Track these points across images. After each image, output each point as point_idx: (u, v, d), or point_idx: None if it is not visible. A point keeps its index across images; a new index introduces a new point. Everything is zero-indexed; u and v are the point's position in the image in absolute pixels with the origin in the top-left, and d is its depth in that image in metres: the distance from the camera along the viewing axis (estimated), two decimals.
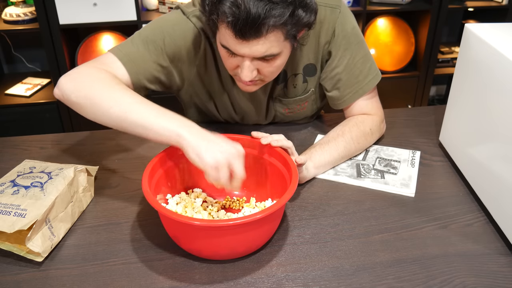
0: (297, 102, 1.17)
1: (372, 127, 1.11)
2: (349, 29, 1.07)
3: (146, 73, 1.02)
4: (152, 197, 0.78)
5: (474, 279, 0.78)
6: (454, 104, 1.06)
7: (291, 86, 1.14)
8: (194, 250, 0.81)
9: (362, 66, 1.10)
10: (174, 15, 1.05)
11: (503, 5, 2.60)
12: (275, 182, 0.91)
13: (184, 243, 0.81)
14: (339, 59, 1.09)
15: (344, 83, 1.10)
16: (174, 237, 0.82)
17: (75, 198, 0.90)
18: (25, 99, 2.41)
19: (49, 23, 2.22)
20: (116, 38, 2.44)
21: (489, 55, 0.89)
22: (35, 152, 1.13)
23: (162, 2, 2.38)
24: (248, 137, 0.93)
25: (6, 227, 0.77)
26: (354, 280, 0.78)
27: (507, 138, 0.83)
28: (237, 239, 0.78)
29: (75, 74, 0.93)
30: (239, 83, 1.01)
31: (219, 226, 0.75)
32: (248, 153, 0.89)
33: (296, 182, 0.81)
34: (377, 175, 1.04)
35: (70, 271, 0.80)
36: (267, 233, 0.82)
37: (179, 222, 0.75)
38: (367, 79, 1.10)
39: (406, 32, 2.70)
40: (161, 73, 1.04)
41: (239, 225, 0.74)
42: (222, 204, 0.94)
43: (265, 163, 0.93)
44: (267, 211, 0.74)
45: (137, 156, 1.12)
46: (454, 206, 0.95)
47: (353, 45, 1.08)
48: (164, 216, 0.79)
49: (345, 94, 1.11)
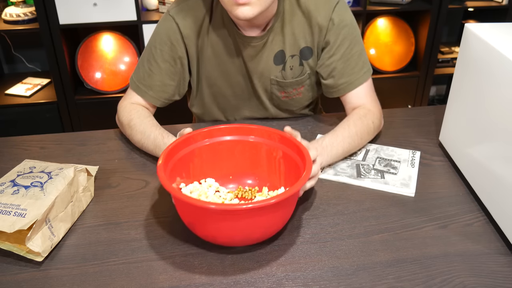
0: (293, 85, 1.20)
1: (374, 121, 1.13)
2: (348, 21, 1.13)
3: (163, 94, 1.18)
4: (169, 183, 0.79)
5: (474, 279, 0.78)
6: (454, 104, 1.06)
7: (288, 68, 1.17)
8: (209, 236, 0.82)
9: (358, 59, 1.15)
10: (162, 21, 1.16)
11: (503, 5, 2.60)
12: (288, 171, 0.93)
13: (199, 230, 0.81)
14: (337, 48, 1.13)
15: (339, 72, 1.15)
16: (189, 224, 0.83)
17: (75, 198, 0.90)
18: (25, 99, 2.41)
19: (49, 23, 2.22)
20: (116, 38, 2.44)
21: (489, 55, 0.89)
22: (35, 152, 1.13)
23: (162, 2, 2.38)
24: (263, 127, 0.95)
25: (6, 227, 0.77)
26: (354, 280, 0.78)
27: (507, 138, 0.83)
28: (252, 224, 0.78)
29: (118, 112, 1.19)
30: (236, 8, 1.00)
31: (236, 210, 0.75)
32: (262, 143, 0.95)
33: (310, 168, 0.82)
34: (377, 175, 1.04)
35: (70, 271, 0.80)
36: (282, 219, 0.83)
37: (196, 206, 0.76)
38: (361, 72, 1.15)
39: (406, 32, 2.70)
40: (175, 81, 1.17)
41: (256, 209, 0.75)
42: (235, 194, 0.95)
43: (278, 153, 0.94)
44: (284, 195, 0.76)
45: (137, 156, 1.12)
46: (454, 206, 0.95)
47: (352, 37, 1.13)
48: (181, 201, 0.79)
49: (340, 83, 1.16)
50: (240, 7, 0.99)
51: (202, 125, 1.08)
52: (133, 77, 1.19)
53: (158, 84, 1.16)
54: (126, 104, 1.18)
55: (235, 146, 0.97)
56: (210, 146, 0.96)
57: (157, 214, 0.93)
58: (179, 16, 1.12)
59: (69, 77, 2.35)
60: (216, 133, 0.96)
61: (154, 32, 1.17)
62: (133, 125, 1.11)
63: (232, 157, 0.97)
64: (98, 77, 2.44)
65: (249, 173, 0.98)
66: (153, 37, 1.16)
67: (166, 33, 1.14)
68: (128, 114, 1.14)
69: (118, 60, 2.45)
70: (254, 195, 0.95)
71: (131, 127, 1.12)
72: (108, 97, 2.44)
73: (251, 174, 0.98)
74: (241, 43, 1.13)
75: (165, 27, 1.14)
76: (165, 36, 1.14)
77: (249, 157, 0.97)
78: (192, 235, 0.87)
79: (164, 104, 1.20)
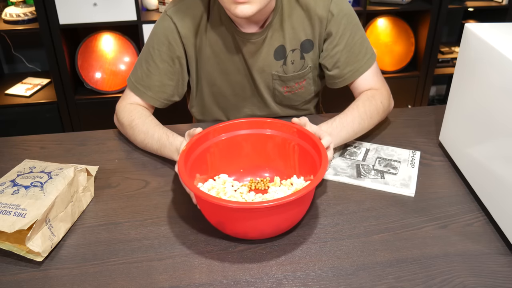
0: (295, 79, 1.20)
1: (382, 101, 1.15)
2: (347, 9, 1.14)
3: (158, 91, 1.16)
4: (196, 187, 0.81)
5: (474, 279, 0.78)
6: (454, 104, 1.06)
7: (289, 62, 1.17)
8: (240, 234, 0.84)
9: (361, 46, 1.16)
10: (159, 21, 1.15)
11: (503, 5, 2.60)
12: (301, 160, 0.95)
13: (229, 228, 0.83)
14: (339, 38, 1.14)
15: (344, 61, 1.16)
16: (218, 223, 0.84)
17: (75, 198, 0.90)
18: (25, 99, 2.41)
19: (49, 23, 2.22)
20: (116, 38, 2.44)
21: (489, 55, 0.89)
22: (35, 152, 1.13)
23: (162, 2, 2.38)
24: (277, 120, 0.98)
25: (6, 227, 0.77)
26: (354, 280, 0.78)
27: (507, 138, 0.83)
28: (281, 217, 0.81)
29: (117, 113, 1.18)
30: (235, 6, 1.00)
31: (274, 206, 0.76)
32: (275, 136, 0.98)
33: (326, 155, 0.86)
34: (377, 175, 1.04)
35: (70, 271, 0.80)
36: (305, 208, 0.87)
37: (228, 208, 0.78)
38: (365, 58, 1.17)
39: (406, 32, 2.70)
40: (174, 80, 1.17)
41: (291, 202, 0.77)
42: (248, 186, 0.97)
43: (292, 144, 0.96)
44: (308, 188, 0.79)
45: (137, 156, 1.12)
46: (454, 206, 0.95)
47: (352, 25, 1.14)
48: (215, 205, 0.80)
49: (345, 72, 1.17)
50: (239, 5, 0.99)
51: (203, 125, 1.08)
52: (131, 78, 1.19)
53: (157, 84, 1.16)
54: (125, 104, 1.17)
55: (246, 140, 0.99)
56: (224, 142, 0.97)
57: (157, 214, 0.93)
58: (177, 16, 1.12)
59: (69, 77, 2.35)
60: (228, 128, 0.98)
61: (151, 33, 1.16)
62: (135, 125, 1.11)
63: (242, 151, 0.99)
64: (98, 77, 2.44)
65: (260, 166, 1.01)
66: (151, 38, 1.16)
67: (164, 33, 1.13)
68: (128, 114, 1.14)
69: (118, 60, 2.45)
70: (267, 185, 0.97)
71: (133, 127, 1.11)
72: (108, 97, 2.44)
73: (262, 166, 1.01)
74: (240, 40, 1.13)
75: (163, 27, 1.14)
76: (163, 36, 1.14)
77: (260, 150, 0.99)
78: (192, 235, 0.87)
79: (163, 105, 1.20)
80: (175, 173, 1.04)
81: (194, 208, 0.91)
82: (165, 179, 1.03)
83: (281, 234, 0.87)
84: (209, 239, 0.86)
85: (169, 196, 0.98)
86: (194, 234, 0.87)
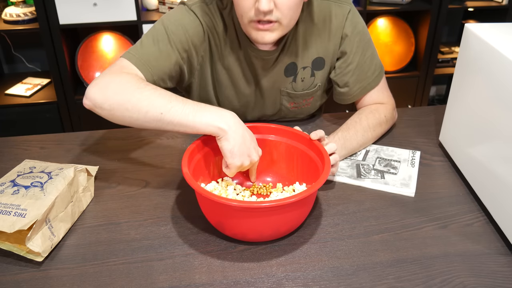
0: (303, 97, 1.20)
1: (386, 115, 1.15)
2: (361, 27, 1.14)
3: (160, 73, 1.03)
4: (197, 184, 0.81)
5: (474, 279, 0.78)
6: (454, 104, 1.06)
7: (299, 80, 1.17)
8: (238, 234, 0.84)
9: (370, 63, 1.16)
10: (177, 10, 1.09)
11: (503, 5, 2.60)
12: (304, 167, 0.96)
13: (229, 229, 0.83)
14: (353, 56, 1.14)
15: (355, 80, 1.16)
16: (217, 223, 0.84)
17: (75, 198, 0.90)
18: (25, 99, 2.41)
19: (49, 23, 2.22)
20: (116, 38, 2.44)
21: (489, 55, 0.89)
22: (35, 152, 1.13)
23: (162, 2, 2.38)
24: (281, 126, 0.98)
25: (6, 227, 0.77)
26: (354, 280, 0.78)
27: (507, 138, 0.83)
28: (280, 219, 0.81)
29: (103, 83, 0.94)
30: (256, 32, 0.99)
31: (275, 206, 0.77)
32: (279, 142, 0.98)
33: (329, 160, 0.87)
34: (377, 175, 1.04)
35: (70, 271, 0.80)
36: (307, 211, 0.88)
37: (229, 206, 0.78)
38: (374, 75, 1.16)
39: (406, 32, 2.70)
40: (173, 70, 1.06)
41: (291, 203, 0.78)
42: (250, 191, 0.97)
43: (296, 151, 0.97)
44: (310, 191, 0.79)
45: (137, 156, 1.12)
46: (454, 206, 0.95)
47: (364, 43, 1.14)
48: (213, 202, 0.80)
49: (354, 90, 1.17)
50: (261, 32, 0.98)
51: None
52: (132, 52, 1.02)
53: (156, 67, 1.02)
54: (120, 73, 0.96)
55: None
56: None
57: (157, 214, 0.93)
58: (204, 18, 1.07)
59: (69, 77, 2.35)
60: None
61: (172, 19, 1.05)
62: (151, 87, 0.91)
63: None
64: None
65: (263, 171, 1.01)
66: (169, 22, 1.04)
67: (191, 27, 1.05)
68: (132, 78, 0.93)
69: None
70: (270, 191, 0.97)
71: (141, 88, 0.90)
72: None
73: (265, 172, 1.01)
74: (253, 56, 1.10)
75: (190, 21, 1.06)
76: (190, 30, 1.05)
77: (264, 155, 0.98)
78: (192, 235, 0.87)
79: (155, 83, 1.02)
80: (178, 172, 1.04)
81: (194, 208, 0.92)
82: (165, 179, 1.03)
83: None
84: (209, 239, 0.86)
85: (169, 196, 0.98)
86: (194, 234, 0.87)
